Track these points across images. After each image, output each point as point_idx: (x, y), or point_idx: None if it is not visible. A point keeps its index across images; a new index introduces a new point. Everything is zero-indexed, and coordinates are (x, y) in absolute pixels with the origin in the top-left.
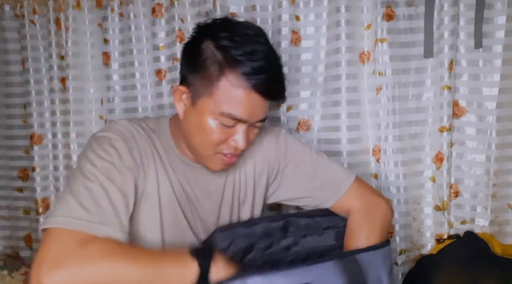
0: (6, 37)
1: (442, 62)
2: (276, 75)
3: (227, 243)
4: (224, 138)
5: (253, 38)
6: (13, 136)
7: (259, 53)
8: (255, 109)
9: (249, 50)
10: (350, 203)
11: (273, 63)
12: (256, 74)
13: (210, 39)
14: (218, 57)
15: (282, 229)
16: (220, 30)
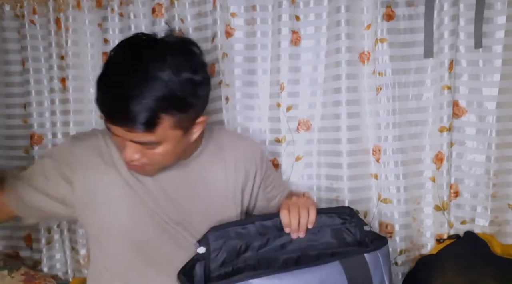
0: (6, 37)
1: (442, 62)
2: (115, 108)
3: (221, 243)
4: (121, 150)
5: (115, 67)
6: (13, 136)
7: (107, 84)
8: (118, 132)
9: (101, 80)
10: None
11: (111, 91)
12: (98, 103)
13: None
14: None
15: (277, 227)
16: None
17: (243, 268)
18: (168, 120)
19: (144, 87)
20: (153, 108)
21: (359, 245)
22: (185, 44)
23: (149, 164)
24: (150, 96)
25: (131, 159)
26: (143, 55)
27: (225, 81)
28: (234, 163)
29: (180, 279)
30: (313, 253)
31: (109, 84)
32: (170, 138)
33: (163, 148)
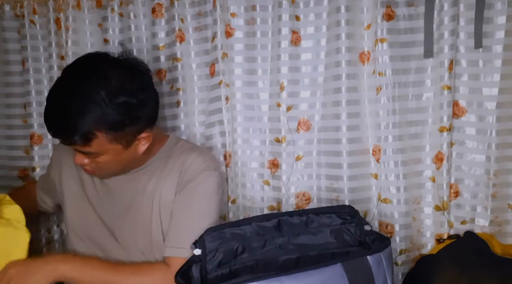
0: (6, 37)
1: (442, 62)
2: (52, 119)
3: (217, 244)
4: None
5: (60, 85)
6: (13, 136)
7: (50, 102)
8: (63, 142)
9: (48, 95)
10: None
11: (52, 107)
12: (44, 118)
13: None
14: None
15: (275, 228)
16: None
17: (241, 270)
18: (102, 137)
19: (79, 107)
20: (86, 127)
21: (359, 245)
22: (131, 66)
23: (97, 169)
24: (84, 116)
25: (80, 163)
26: (84, 77)
27: (225, 81)
28: (170, 173)
29: (177, 281)
30: (313, 253)
31: (52, 101)
32: (109, 150)
33: (105, 157)
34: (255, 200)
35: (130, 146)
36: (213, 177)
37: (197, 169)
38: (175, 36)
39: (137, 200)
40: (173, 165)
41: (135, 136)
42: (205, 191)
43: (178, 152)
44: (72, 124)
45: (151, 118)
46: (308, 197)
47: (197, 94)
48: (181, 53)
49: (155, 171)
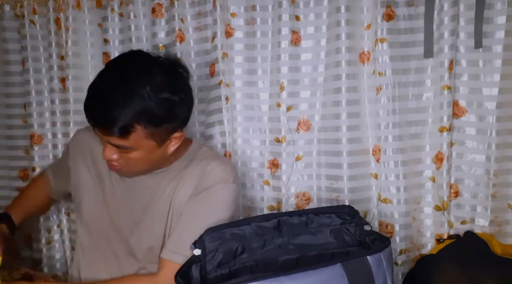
0: (6, 37)
1: (442, 62)
2: (97, 113)
3: (216, 244)
4: (103, 149)
5: (105, 77)
6: (13, 136)
7: (94, 92)
8: (99, 133)
9: (91, 87)
10: (160, 267)
11: (96, 98)
12: (85, 107)
13: None
14: None
15: (275, 228)
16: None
17: (240, 270)
18: (141, 131)
19: (124, 98)
20: (128, 119)
21: (359, 245)
22: (173, 66)
23: (124, 166)
24: (128, 108)
25: (109, 158)
26: (130, 70)
27: (225, 81)
28: (189, 178)
29: (177, 281)
30: (313, 253)
31: (96, 92)
32: (143, 146)
33: (137, 154)
34: (255, 200)
35: (163, 144)
36: (229, 190)
37: (214, 178)
38: (175, 36)
39: (154, 202)
40: (193, 170)
41: (169, 134)
42: (218, 202)
43: (199, 158)
44: (115, 114)
45: (186, 119)
46: (308, 197)
47: (197, 94)
48: (181, 53)
49: (175, 177)
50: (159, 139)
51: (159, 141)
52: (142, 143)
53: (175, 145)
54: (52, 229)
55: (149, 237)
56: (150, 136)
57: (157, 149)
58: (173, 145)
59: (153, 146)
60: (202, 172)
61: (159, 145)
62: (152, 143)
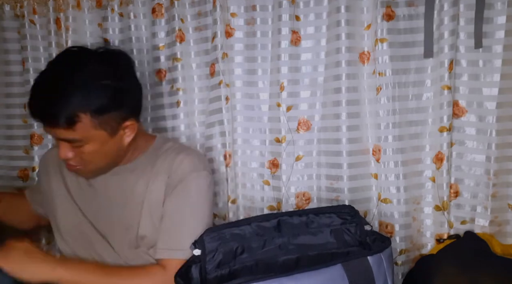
0: (6, 37)
1: (442, 62)
2: (40, 108)
3: (216, 244)
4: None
5: (43, 74)
6: (13, 136)
7: (34, 88)
8: (47, 130)
9: (32, 86)
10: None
11: (37, 94)
12: (28, 106)
13: None
14: None
15: (275, 228)
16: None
17: (240, 270)
18: (87, 120)
19: (64, 89)
20: (71, 108)
21: (359, 245)
22: (112, 55)
23: (82, 164)
24: (69, 97)
25: (65, 157)
26: (68, 63)
27: (225, 81)
28: (159, 174)
29: (177, 281)
30: (313, 253)
31: (37, 89)
32: (94, 137)
33: (90, 147)
34: (255, 200)
35: (115, 134)
36: (202, 178)
37: (185, 170)
38: (175, 36)
39: (124, 201)
40: (160, 166)
41: (120, 123)
42: (195, 192)
43: (166, 153)
44: (57, 105)
45: (135, 107)
46: (308, 197)
47: (197, 94)
48: (181, 53)
49: (143, 172)
50: (109, 129)
51: (110, 131)
52: (92, 134)
53: (130, 136)
54: None
55: (124, 236)
56: (99, 126)
57: (110, 140)
58: (127, 136)
59: (105, 136)
60: (170, 166)
61: (111, 135)
62: (103, 133)
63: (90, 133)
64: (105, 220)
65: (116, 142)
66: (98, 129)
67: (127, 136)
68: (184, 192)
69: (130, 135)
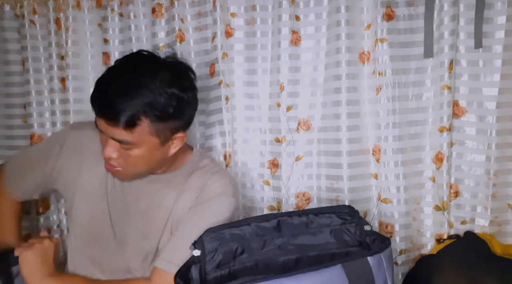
0: (6, 37)
1: (442, 62)
2: (104, 102)
3: (216, 245)
4: (103, 147)
5: (112, 71)
6: (13, 136)
7: (102, 83)
8: (103, 127)
9: (99, 80)
10: (153, 275)
11: (103, 89)
12: (91, 99)
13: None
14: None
15: (275, 228)
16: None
17: (240, 270)
18: (147, 124)
19: (132, 90)
20: (135, 109)
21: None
22: (181, 66)
23: (123, 166)
24: (136, 98)
25: (109, 156)
26: (139, 65)
27: (225, 81)
28: (189, 191)
29: (176, 282)
30: (313, 254)
31: (104, 84)
32: (146, 142)
33: (138, 151)
34: (255, 200)
35: (165, 143)
36: (227, 203)
37: (214, 191)
38: (175, 36)
39: (152, 210)
40: (193, 183)
41: (173, 133)
42: (215, 215)
43: (201, 171)
44: (122, 104)
45: (190, 119)
46: (308, 197)
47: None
48: (181, 53)
49: (176, 186)
50: (163, 137)
51: (163, 139)
52: (146, 139)
53: (176, 147)
54: (52, 229)
55: (142, 244)
56: (155, 132)
57: (158, 148)
58: (174, 147)
59: (156, 144)
60: (203, 185)
61: (162, 143)
62: (156, 140)
63: (144, 138)
64: (127, 225)
65: (163, 151)
66: (153, 136)
67: (174, 147)
68: (204, 211)
69: (176, 147)
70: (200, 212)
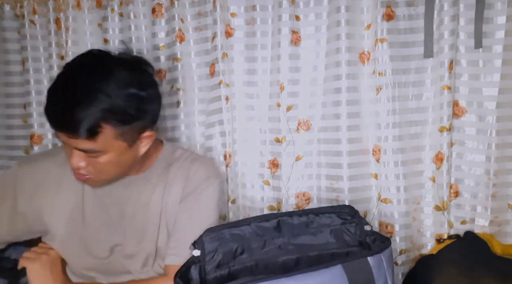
0: (6, 37)
1: (442, 62)
2: (60, 115)
3: (216, 245)
4: (69, 158)
5: (64, 78)
6: (13, 136)
7: (54, 93)
8: (64, 139)
9: (50, 90)
10: (167, 271)
11: (57, 100)
12: (46, 111)
13: None
14: None
15: (275, 228)
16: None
17: (240, 270)
18: (110, 130)
19: (88, 97)
20: (95, 117)
21: (359, 245)
22: (136, 62)
23: (94, 173)
24: (93, 106)
25: (77, 166)
26: (90, 69)
27: (225, 81)
28: (174, 183)
29: (176, 282)
30: (313, 254)
31: (57, 94)
32: (113, 148)
33: (107, 157)
34: (255, 200)
35: (133, 145)
36: (215, 185)
37: (200, 177)
38: (175, 36)
39: (140, 213)
40: (175, 175)
41: (140, 133)
42: (207, 198)
43: (179, 161)
44: (80, 114)
45: (155, 116)
46: (308, 197)
47: (197, 94)
48: (181, 53)
49: (157, 182)
50: (130, 139)
51: (130, 141)
52: (112, 145)
53: (146, 145)
54: None
55: (140, 247)
56: (120, 136)
57: (127, 151)
58: (144, 146)
59: (124, 147)
60: (186, 175)
61: (130, 145)
62: (123, 144)
63: (110, 144)
64: (118, 235)
65: (133, 152)
66: (119, 140)
67: (144, 146)
68: (196, 199)
69: (146, 145)
70: (193, 200)
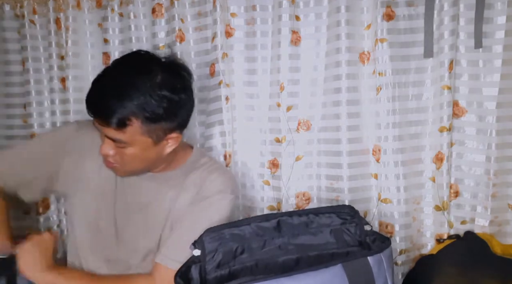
0: (6, 37)
1: (442, 62)
2: (97, 103)
3: (216, 245)
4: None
5: (108, 72)
6: (13, 136)
7: (96, 84)
8: (98, 125)
9: (94, 80)
10: (155, 271)
11: (97, 89)
12: (86, 98)
13: None
14: None
15: (275, 228)
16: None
17: (240, 270)
18: (138, 125)
19: (124, 92)
20: (127, 111)
21: (359, 245)
22: (175, 67)
23: (120, 163)
24: (126, 101)
25: (106, 153)
26: (133, 67)
27: (225, 81)
28: (189, 188)
29: (177, 282)
30: (313, 254)
31: (99, 84)
32: (139, 142)
33: (132, 150)
34: (255, 200)
35: (159, 143)
36: (227, 201)
37: (214, 189)
38: (175, 36)
39: (152, 208)
40: (192, 181)
41: (166, 134)
42: (215, 212)
43: (200, 170)
44: (114, 105)
45: (184, 120)
46: (308, 197)
47: (197, 94)
48: (181, 53)
49: (175, 184)
50: (155, 137)
51: (155, 139)
52: (138, 139)
53: (171, 146)
54: (52, 229)
55: (142, 239)
56: (147, 133)
57: (152, 148)
58: (169, 146)
59: (149, 143)
60: (202, 182)
61: (155, 143)
62: (148, 140)
63: (136, 138)
64: (128, 222)
65: (157, 150)
66: (144, 136)
67: (169, 146)
68: (204, 209)
69: (171, 146)
70: (200, 209)
